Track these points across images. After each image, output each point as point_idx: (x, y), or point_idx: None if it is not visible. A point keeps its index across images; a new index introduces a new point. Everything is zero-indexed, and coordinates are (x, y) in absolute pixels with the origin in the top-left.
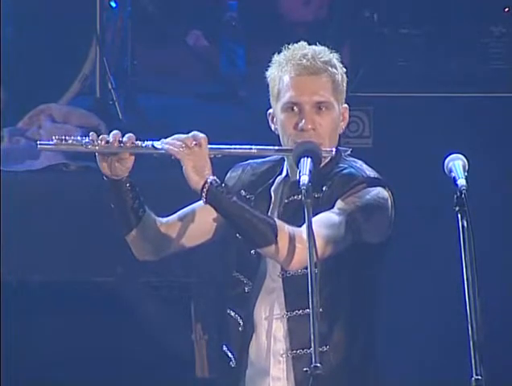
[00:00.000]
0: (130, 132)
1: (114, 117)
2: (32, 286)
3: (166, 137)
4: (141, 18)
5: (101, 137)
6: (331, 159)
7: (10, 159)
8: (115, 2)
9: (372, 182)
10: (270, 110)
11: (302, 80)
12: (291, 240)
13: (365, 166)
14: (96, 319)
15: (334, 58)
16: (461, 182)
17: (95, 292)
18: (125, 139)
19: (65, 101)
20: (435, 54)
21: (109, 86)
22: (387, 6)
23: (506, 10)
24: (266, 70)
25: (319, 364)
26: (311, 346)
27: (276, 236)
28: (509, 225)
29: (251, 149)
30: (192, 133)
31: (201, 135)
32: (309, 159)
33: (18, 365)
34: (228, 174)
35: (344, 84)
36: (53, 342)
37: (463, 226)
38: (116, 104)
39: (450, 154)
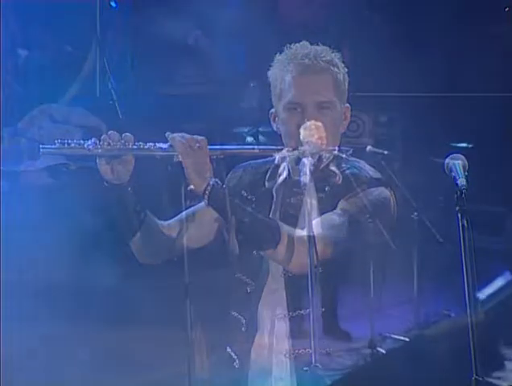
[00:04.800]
0: (129, 132)
1: (114, 116)
2: (32, 286)
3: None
4: (141, 18)
5: (102, 137)
6: (333, 159)
7: (10, 159)
8: (115, 2)
9: (374, 183)
10: (272, 110)
11: (304, 79)
12: (293, 242)
13: (367, 167)
14: (96, 319)
15: (336, 57)
16: (461, 181)
17: (95, 292)
18: (125, 139)
19: (65, 101)
20: (434, 54)
21: (109, 86)
22: (387, 5)
23: (506, 9)
24: (268, 70)
25: (319, 365)
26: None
27: (278, 239)
28: (509, 224)
29: (253, 148)
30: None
31: (201, 138)
32: (310, 159)
33: (17, 365)
34: (229, 175)
35: (346, 84)
36: (53, 342)
37: (463, 225)
38: (116, 104)
39: (450, 154)
